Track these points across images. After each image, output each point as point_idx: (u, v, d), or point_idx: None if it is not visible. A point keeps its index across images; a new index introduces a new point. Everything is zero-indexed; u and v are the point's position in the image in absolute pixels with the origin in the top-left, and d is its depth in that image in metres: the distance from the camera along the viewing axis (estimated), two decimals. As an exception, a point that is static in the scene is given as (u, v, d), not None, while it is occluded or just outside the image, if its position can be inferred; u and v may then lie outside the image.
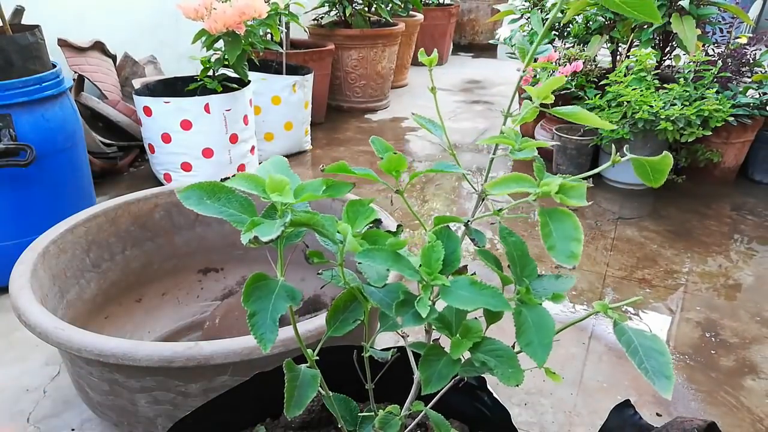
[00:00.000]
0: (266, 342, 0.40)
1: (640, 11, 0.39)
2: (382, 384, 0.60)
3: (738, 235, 1.99)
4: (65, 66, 2.13)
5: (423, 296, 0.42)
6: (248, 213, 0.42)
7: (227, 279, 1.46)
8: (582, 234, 0.39)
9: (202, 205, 0.42)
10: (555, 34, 2.71)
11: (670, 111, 2.02)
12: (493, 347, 0.45)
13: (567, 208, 0.40)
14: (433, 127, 0.51)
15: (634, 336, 0.40)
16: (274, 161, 0.46)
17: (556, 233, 0.39)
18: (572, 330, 1.46)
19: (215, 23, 1.84)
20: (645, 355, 0.38)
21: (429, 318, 0.42)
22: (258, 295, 0.41)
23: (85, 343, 0.82)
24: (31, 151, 1.39)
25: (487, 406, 0.68)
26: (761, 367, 1.35)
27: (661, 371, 0.38)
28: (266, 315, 0.40)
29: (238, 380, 0.85)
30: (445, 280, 0.42)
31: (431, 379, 0.45)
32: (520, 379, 0.43)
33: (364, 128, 3.06)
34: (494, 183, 0.42)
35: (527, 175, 0.42)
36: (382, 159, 0.46)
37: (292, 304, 0.42)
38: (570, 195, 0.39)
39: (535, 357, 0.40)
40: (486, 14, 5.26)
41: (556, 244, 0.39)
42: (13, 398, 1.20)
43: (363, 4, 3.24)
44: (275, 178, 0.40)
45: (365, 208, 0.44)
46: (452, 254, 0.45)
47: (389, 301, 0.46)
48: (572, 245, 0.38)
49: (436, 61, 0.51)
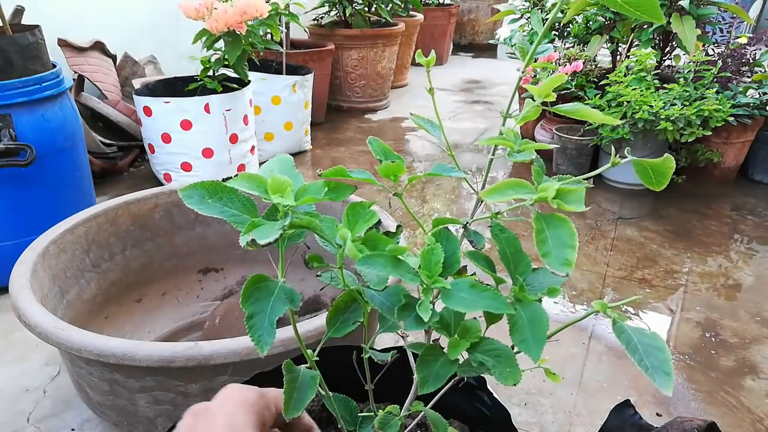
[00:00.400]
0: (263, 344, 0.40)
1: (642, 11, 0.39)
2: (381, 384, 0.60)
3: (738, 235, 1.99)
4: (65, 66, 2.13)
5: (424, 300, 0.42)
6: (250, 213, 0.42)
7: (227, 279, 1.46)
8: (577, 241, 0.39)
9: (203, 204, 0.42)
10: (555, 34, 2.71)
11: (670, 111, 2.02)
12: (492, 347, 0.45)
13: (564, 213, 0.40)
14: (432, 127, 0.51)
15: (633, 334, 0.40)
16: (279, 159, 0.46)
17: (551, 240, 0.39)
18: (572, 330, 1.46)
19: (216, 23, 1.83)
20: (645, 353, 0.38)
21: (430, 322, 0.42)
22: (257, 297, 0.41)
23: (85, 343, 0.82)
24: (31, 151, 1.39)
25: (487, 406, 0.68)
26: (761, 367, 1.35)
27: (661, 368, 0.38)
28: (264, 317, 0.40)
29: (239, 380, 0.85)
30: (446, 283, 0.42)
31: (428, 379, 0.45)
32: (517, 378, 0.43)
33: (364, 128, 3.06)
34: (490, 190, 0.41)
35: (525, 180, 0.42)
36: (380, 163, 0.45)
37: (290, 306, 0.42)
38: (568, 200, 0.39)
39: (530, 353, 0.40)
40: (486, 14, 5.26)
41: (551, 251, 0.38)
42: (13, 398, 1.20)
43: (363, 4, 3.24)
44: (277, 178, 0.40)
45: (366, 211, 0.44)
46: (452, 256, 0.45)
47: (390, 304, 0.45)
48: (567, 252, 0.38)
49: (434, 62, 0.50)
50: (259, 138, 2.42)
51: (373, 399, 0.59)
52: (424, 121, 0.52)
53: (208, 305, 1.41)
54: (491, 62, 4.94)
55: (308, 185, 0.43)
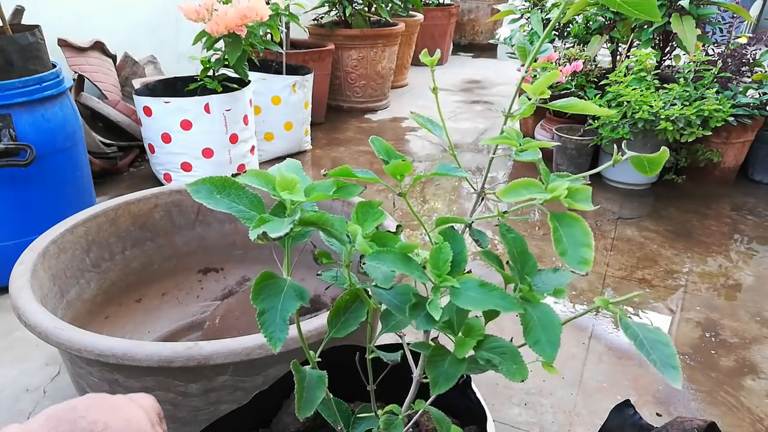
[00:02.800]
0: (276, 341, 0.40)
1: (640, 10, 0.39)
2: (377, 384, 0.60)
3: (738, 235, 1.99)
4: (65, 66, 2.13)
5: (434, 299, 0.42)
6: (257, 210, 0.42)
7: (227, 279, 1.46)
8: (592, 239, 0.39)
9: (211, 199, 0.42)
10: (555, 34, 2.71)
11: (670, 111, 2.02)
12: (497, 344, 0.45)
13: (575, 212, 0.40)
14: (433, 126, 0.51)
15: (638, 329, 0.40)
16: (288, 164, 0.46)
17: (566, 239, 0.39)
18: (572, 330, 1.46)
19: (216, 25, 1.83)
20: (651, 348, 0.39)
21: (441, 321, 0.42)
22: (267, 294, 0.41)
23: (85, 343, 0.82)
24: (31, 151, 1.39)
25: (473, 403, 0.68)
26: (761, 367, 1.35)
27: (668, 362, 0.38)
28: (276, 314, 0.40)
29: (239, 380, 0.85)
30: (455, 282, 0.42)
31: (438, 380, 0.45)
32: (525, 374, 0.43)
33: (364, 128, 3.06)
34: (505, 190, 0.42)
35: (533, 179, 0.42)
36: (387, 163, 0.45)
37: (302, 303, 0.42)
38: (577, 198, 0.39)
39: (544, 354, 0.41)
40: (486, 14, 5.26)
41: (568, 250, 0.39)
42: (13, 398, 1.20)
43: (363, 4, 3.24)
44: (286, 176, 0.40)
45: (374, 210, 0.44)
46: (459, 255, 0.45)
47: (398, 302, 0.45)
48: (583, 251, 0.38)
49: (436, 61, 0.51)
50: (259, 138, 2.42)
51: (374, 399, 0.59)
52: (424, 119, 0.52)
53: (208, 305, 1.41)
54: (491, 62, 4.94)
55: (316, 183, 0.43)
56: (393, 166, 0.44)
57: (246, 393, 0.85)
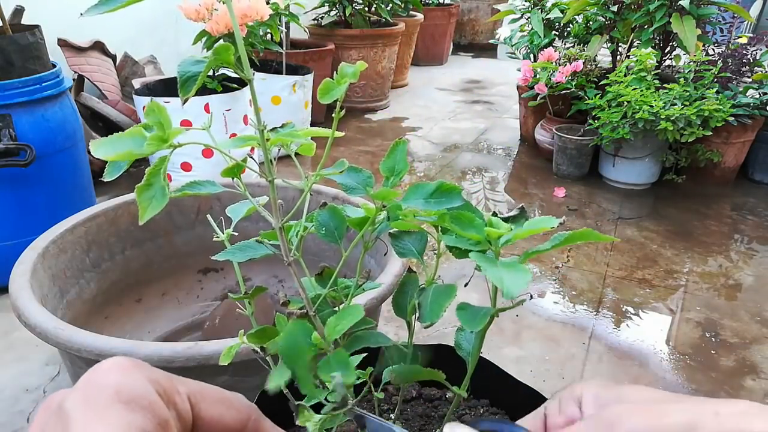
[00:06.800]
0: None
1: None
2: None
3: (738, 235, 1.99)
4: (65, 66, 2.13)
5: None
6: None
7: (227, 279, 1.45)
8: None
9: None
10: (555, 34, 2.71)
11: (670, 111, 2.02)
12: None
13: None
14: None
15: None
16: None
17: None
18: (572, 330, 1.46)
19: (216, 25, 1.83)
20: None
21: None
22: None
23: (85, 343, 0.82)
24: (31, 151, 1.39)
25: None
26: (761, 367, 1.35)
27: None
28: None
29: (239, 380, 0.85)
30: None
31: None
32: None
33: (364, 128, 3.06)
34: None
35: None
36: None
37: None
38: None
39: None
40: (486, 14, 5.26)
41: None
42: (13, 398, 1.20)
43: (363, 4, 3.24)
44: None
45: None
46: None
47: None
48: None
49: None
50: (259, 138, 2.42)
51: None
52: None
53: (208, 305, 1.41)
54: (491, 62, 4.94)
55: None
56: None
57: (246, 393, 0.85)
